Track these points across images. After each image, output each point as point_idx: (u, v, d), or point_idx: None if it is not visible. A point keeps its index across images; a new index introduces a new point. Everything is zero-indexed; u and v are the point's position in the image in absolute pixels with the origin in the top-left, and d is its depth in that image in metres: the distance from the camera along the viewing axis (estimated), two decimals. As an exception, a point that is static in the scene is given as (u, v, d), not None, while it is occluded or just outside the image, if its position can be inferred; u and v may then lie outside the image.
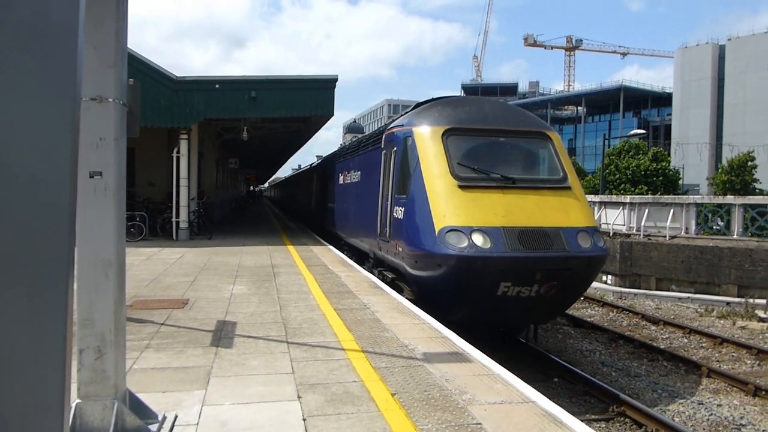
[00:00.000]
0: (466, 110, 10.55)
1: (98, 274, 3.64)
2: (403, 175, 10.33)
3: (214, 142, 27.90)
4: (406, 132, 10.62)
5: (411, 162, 10.05)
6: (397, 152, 10.83)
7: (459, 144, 9.88)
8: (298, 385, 5.05)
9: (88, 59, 3.43)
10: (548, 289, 8.85)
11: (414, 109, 11.54)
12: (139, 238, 17.95)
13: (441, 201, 9.06)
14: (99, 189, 3.59)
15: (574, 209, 9.48)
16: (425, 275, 9.24)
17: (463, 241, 8.52)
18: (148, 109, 16.69)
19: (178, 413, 4.35)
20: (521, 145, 10.52)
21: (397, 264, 10.37)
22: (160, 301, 8.79)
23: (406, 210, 9.84)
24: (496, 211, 8.96)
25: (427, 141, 9.86)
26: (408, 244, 9.57)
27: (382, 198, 11.59)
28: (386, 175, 11.47)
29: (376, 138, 13.22)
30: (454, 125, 10.00)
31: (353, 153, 16.52)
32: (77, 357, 3.64)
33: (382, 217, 11.46)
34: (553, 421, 4.35)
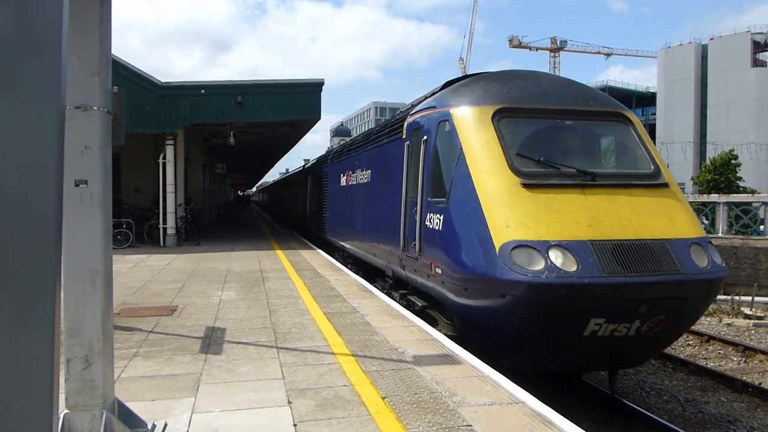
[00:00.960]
0: (520, 85, 8.25)
1: (85, 283, 3.62)
2: (440, 172, 8.16)
3: (200, 148, 27.79)
4: (440, 115, 8.34)
5: (450, 154, 7.82)
6: (428, 142, 8.57)
7: (515, 129, 7.70)
8: (288, 391, 5.04)
9: (72, 68, 3.42)
10: (653, 326, 6.58)
11: (445, 88, 9.31)
12: (126, 245, 17.83)
13: (500, 205, 6.86)
14: (85, 197, 3.57)
15: (678, 214, 7.19)
16: (477, 306, 7.07)
17: (538, 262, 6.31)
18: (134, 115, 16.59)
19: (167, 421, 4.33)
20: (595, 130, 8.36)
21: (432, 289, 8.09)
22: (148, 308, 8.73)
23: (447, 218, 7.56)
24: (579, 218, 6.75)
25: (472, 125, 7.62)
26: (452, 264, 7.30)
27: (406, 202, 9.33)
28: (412, 173, 9.24)
29: (394, 127, 10.86)
30: (507, 104, 7.75)
31: (360, 148, 14.03)
32: (65, 367, 3.61)
33: (406, 226, 9.20)
34: (543, 422, 4.38)
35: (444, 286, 7.54)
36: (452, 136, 7.82)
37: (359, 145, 14.25)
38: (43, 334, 2.00)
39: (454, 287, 7.30)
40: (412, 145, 9.34)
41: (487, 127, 7.50)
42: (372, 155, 12.54)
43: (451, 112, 7.97)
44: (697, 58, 74.16)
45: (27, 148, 1.98)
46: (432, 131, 8.50)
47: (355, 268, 14.13)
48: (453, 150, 7.74)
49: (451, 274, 7.29)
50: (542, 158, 7.36)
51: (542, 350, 6.95)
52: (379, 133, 12.34)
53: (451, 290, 7.38)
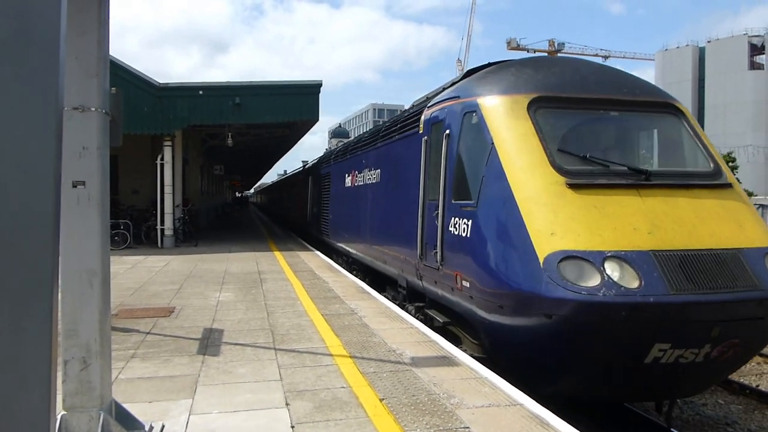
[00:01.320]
0: (556, 72, 7.33)
1: (83, 284, 3.62)
2: (466, 171, 7.21)
3: (198, 149, 27.78)
4: (465, 106, 7.38)
5: (479, 150, 6.88)
6: (451, 137, 7.61)
7: (555, 120, 6.81)
8: (286, 392, 5.03)
9: (71, 69, 3.42)
10: (723, 351, 5.67)
11: (470, 76, 8.32)
12: (124, 246, 17.80)
13: (543, 209, 5.94)
14: (82, 198, 3.56)
15: (746, 219, 6.29)
16: (515, 326, 6.09)
17: (592, 276, 5.40)
18: (132, 116, 16.58)
19: (165, 423, 4.32)
20: (643, 123, 7.46)
21: (456, 304, 7.19)
22: (146, 309, 8.72)
23: (477, 223, 6.61)
24: (636, 223, 5.82)
25: (505, 116, 6.69)
26: (483, 277, 6.34)
27: (424, 205, 8.39)
28: (431, 172, 8.29)
29: (409, 121, 9.86)
30: (543, 93, 6.83)
31: (367, 146, 12.95)
32: (62, 368, 3.60)
33: (425, 232, 8.24)
34: (540, 423, 4.38)
35: (473, 302, 6.58)
36: (481, 130, 6.88)
37: (366, 142, 13.14)
38: (40, 335, 2.00)
39: (485, 303, 6.33)
40: (431, 141, 8.43)
41: (523, 118, 6.57)
42: (382, 153, 11.50)
43: (479, 102, 7.01)
44: (695, 61, 74.48)
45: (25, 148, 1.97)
46: (456, 124, 7.52)
47: (361, 275, 13.25)
48: (482, 145, 6.77)
49: (483, 288, 6.34)
50: (588, 154, 6.44)
51: (591, 378, 5.98)
52: (390, 128, 11.21)
53: (481, 306, 6.42)
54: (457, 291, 7.00)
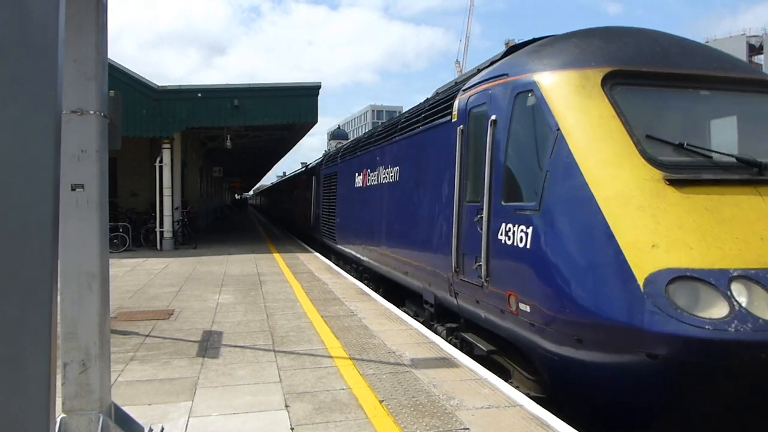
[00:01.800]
0: (631, 43, 5.97)
1: (82, 287, 3.62)
2: (522, 165, 5.96)
3: (197, 151, 27.78)
4: (517, 85, 6.06)
5: (539, 138, 5.61)
6: (498, 124, 6.25)
7: (637, 100, 5.51)
8: (285, 394, 5.03)
9: (69, 72, 3.42)
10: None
11: (517, 51, 7.03)
12: (123, 248, 17.80)
13: (637, 213, 4.67)
14: (81, 201, 3.57)
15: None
16: (598, 364, 4.77)
17: (716, 303, 4.21)
18: (130, 119, 16.61)
19: (164, 425, 4.32)
20: (741, 104, 5.97)
21: (509, 331, 5.88)
22: (145, 312, 8.72)
23: (541, 231, 5.26)
24: (763, 232, 4.62)
25: (574, 95, 5.43)
26: (555, 301, 4.97)
27: (460, 207, 7.06)
28: (470, 167, 6.97)
29: (438, 108, 8.45)
30: (619, 66, 5.53)
31: (382, 141, 11.46)
32: (61, 371, 3.60)
33: (461, 240, 6.96)
34: (540, 424, 4.39)
35: (534, 331, 5.24)
36: (540, 113, 5.58)
37: (381, 137, 11.70)
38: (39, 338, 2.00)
39: (555, 334, 4.99)
40: (470, 130, 7.05)
41: (597, 97, 5.33)
42: (401, 148, 10.10)
43: (536, 80, 5.72)
44: (693, 61, 74.49)
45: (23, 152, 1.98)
46: (504, 108, 6.17)
47: (373, 285, 12.01)
48: (543, 132, 5.51)
49: (553, 315, 4.99)
50: (685, 142, 5.15)
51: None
52: (411, 119, 9.82)
53: (548, 338, 5.08)
54: (510, 315, 5.67)
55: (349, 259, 14.68)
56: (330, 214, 16.92)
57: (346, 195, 14.90)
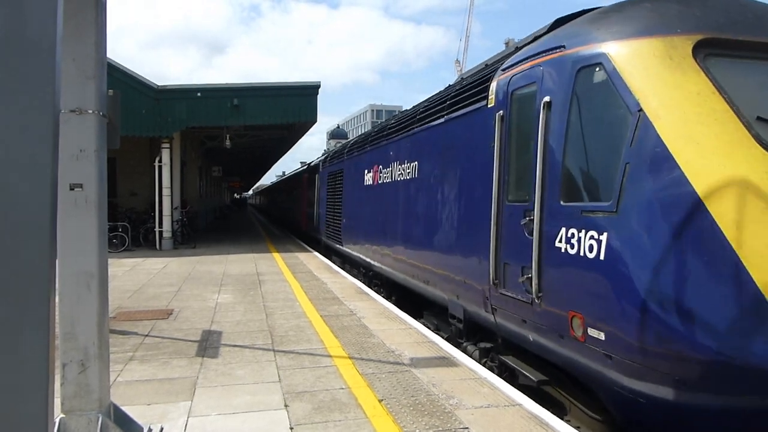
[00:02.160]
0: (719, 8, 4.92)
1: (80, 287, 3.61)
2: (590, 155, 4.87)
3: (196, 151, 27.77)
4: (580, 58, 5.00)
5: (613, 121, 4.63)
6: (553, 106, 5.19)
7: (738, 75, 4.52)
8: (285, 394, 5.03)
9: (68, 71, 3.42)
10: None
11: (566, 23, 5.90)
12: (122, 248, 17.79)
13: (762, 217, 3.88)
14: (80, 201, 3.56)
15: None
16: (708, 409, 4.02)
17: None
18: (129, 118, 16.59)
19: (163, 425, 4.32)
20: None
21: (571, 360, 4.89)
22: (144, 312, 8.71)
23: (622, 239, 4.29)
24: None
25: (659, 67, 4.47)
26: (645, 329, 4.06)
27: (500, 208, 6.03)
28: (514, 160, 5.95)
29: (468, 93, 7.30)
30: (711, 33, 4.58)
31: (397, 133, 10.35)
32: (60, 371, 3.60)
33: (502, 246, 5.95)
34: (540, 424, 4.38)
35: (609, 364, 4.29)
36: (613, 91, 4.55)
37: (396, 129, 10.58)
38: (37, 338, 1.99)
39: (641, 370, 4.09)
40: (513, 115, 6.02)
41: (691, 69, 4.37)
42: (420, 141, 9.01)
43: (605, 51, 4.68)
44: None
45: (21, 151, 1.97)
46: (563, 86, 5.10)
47: (385, 292, 11.17)
48: (619, 114, 4.50)
49: (640, 346, 4.05)
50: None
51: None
52: (433, 107, 8.69)
53: (630, 373, 4.17)
54: (572, 341, 4.69)
55: (356, 262, 13.64)
56: (335, 214, 15.91)
57: (354, 194, 13.79)
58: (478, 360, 6.50)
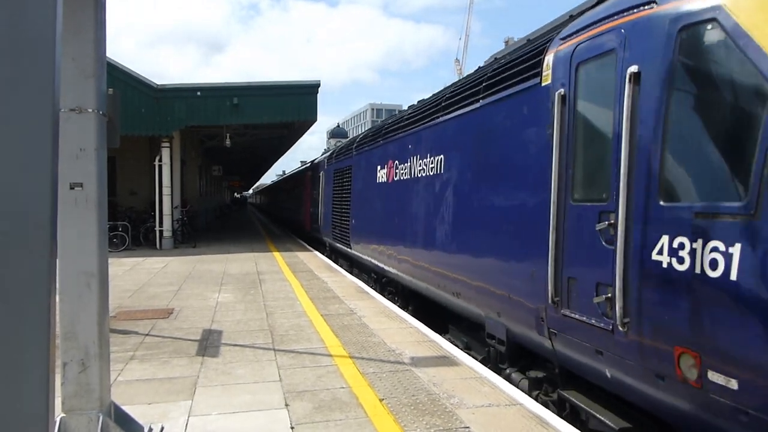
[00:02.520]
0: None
1: (80, 286, 3.61)
2: (701, 143, 3.81)
3: (196, 150, 27.75)
4: (680, 15, 3.93)
5: (739, 96, 3.68)
6: (644, 79, 4.14)
7: None
8: (285, 393, 5.02)
9: (67, 70, 3.41)
10: None
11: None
12: (122, 248, 17.79)
13: None
14: (80, 200, 3.55)
15: None
16: None
17: None
18: (129, 117, 16.58)
19: (164, 425, 4.31)
20: None
21: (672, 407, 3.87)
22: (145, 311, 8.70)
23: (761, 254, 3.18)
24: None
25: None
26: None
27: (562, 209, 4.96)
28: (579, 150, 4.89)
29: (513, 70, 6.14)
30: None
31: (417, 123, 9.15)
32: (61, 370, 3.59)
33: (567, 257, 4.86)
34: (540, 423, 4.38)
35: (744, 422, 3.29)
36: (737, 54, 3.51)
37: (415, 120, 9.31)
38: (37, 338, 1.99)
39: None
40: (579, 93, 4.92)
41: None
42: (447, 131, 7.81)
43: (719, 3, 3.64)
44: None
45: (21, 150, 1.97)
46: (657, 53, 4.06)
47: (401, 300, 10.17)
48: (747, 85, 3.54)
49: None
50: None
51: None
52: (464, 91, 7.44)
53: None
54: (680, 385, 3.67)
55: (366, 267, 12.60)
56: (343, 215, 14.64)
57: (365, 192, 12.43)
58: (527, 392, 5.43)
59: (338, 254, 16.10)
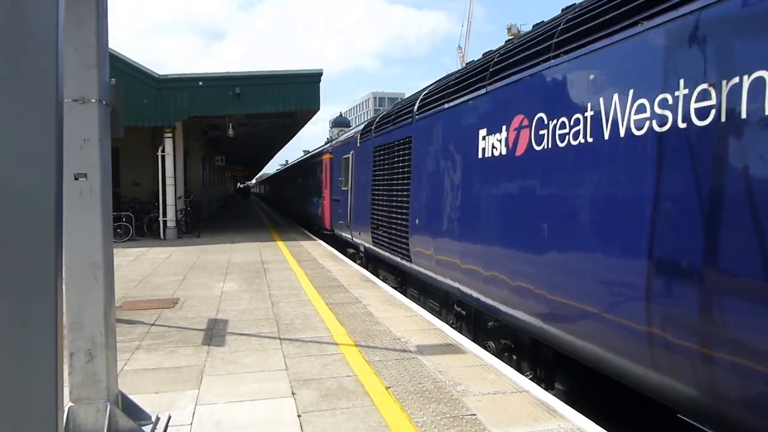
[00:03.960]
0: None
1: (86, 277, 3.62)
2: None
3: (199, 140, 27.74)
4: None
5: None
6: None
7: None
8: (291, 382, 5.04)
9: (70, 61, 3.40)
10: None
11: None
12: (126, 238, 17.84)
13: None
14: (84, 191, 3.55)
15: None
16: None
17: None
18: (132, 108, 16.58)
19: (171, 414, 4.33)
20: None
21: None
22: (150, 301, 8.74)
23: None
24: None
25: None
26: None
27: None
28: None
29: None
30: None
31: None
32: (68, 360, 3.61)
33: None
34: (547, 410, 4.39)
35: None
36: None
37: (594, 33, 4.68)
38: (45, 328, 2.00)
39: None
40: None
41: None
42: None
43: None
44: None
45: (26, 141, 1.96)
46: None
47: (528, 362, 6.14)
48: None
49: None
50: None
51: None
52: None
53: None
54: None
55: (437, 290, 8.65)
56: (393, 209, 10.28)
57: (441, 175, 7.95)
58: None
59: (382, 265, 11.93)
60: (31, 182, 1.96)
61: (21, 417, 1.99)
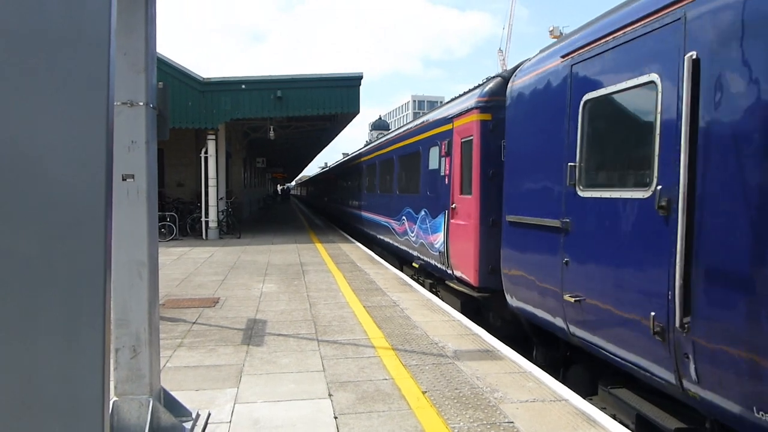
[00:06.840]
0: None
1: (132, 275, 3.71)
2: None
3: (241, 142, 28.20)
4: None
5: None
6: None
7: None
8: (329, 383, 5.07)
9: (119, 65, 3.49)
10: None
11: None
12: (170, 238, 18.26)
13: None
14: (132, 191, 3.65)
15: None
16: None
17: None
18: (176, 110, 16.98)
19: (211, 411, 4.41)
20: None
21: None
22: (192, 300, 8.92)
23: None
24: None
25: None
26: None
27: None
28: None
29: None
30: None
31: None
32: (113, 356, 3.71)
33: None
34: (587, 420, 4.30)
35: None
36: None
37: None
38: (94, 324, 2.06)
39: None
40: None
41: None
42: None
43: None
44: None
45: (78, 143, 2.03)
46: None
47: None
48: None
49: None
50: None
51: None
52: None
53: None
54: None
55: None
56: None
57: None
58: None
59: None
60: (83, 182, 2.03)
61: (70, 410, 2.06)
